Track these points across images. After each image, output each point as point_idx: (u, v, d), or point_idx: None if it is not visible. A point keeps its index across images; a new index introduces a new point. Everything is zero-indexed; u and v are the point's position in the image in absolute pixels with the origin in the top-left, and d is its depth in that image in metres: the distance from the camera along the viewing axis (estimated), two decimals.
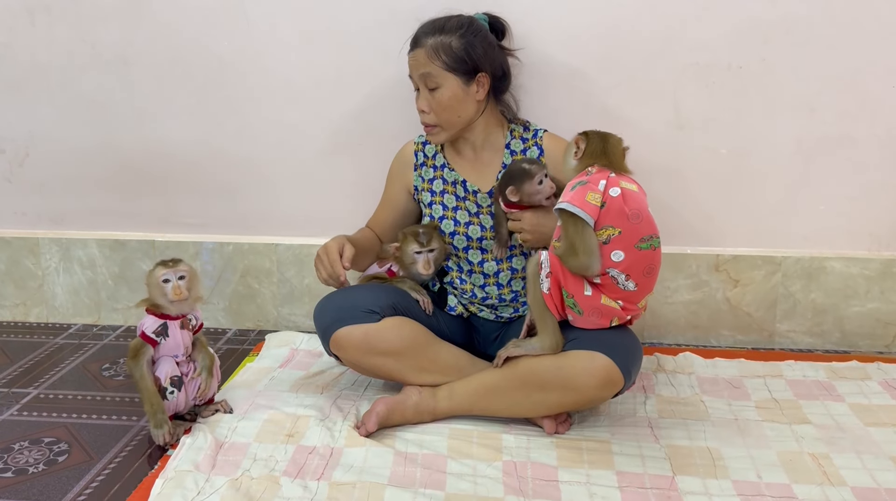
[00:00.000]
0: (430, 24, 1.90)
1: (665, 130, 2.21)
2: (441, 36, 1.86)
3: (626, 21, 2.14)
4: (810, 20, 2.10)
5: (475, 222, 1.96)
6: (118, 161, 2.41)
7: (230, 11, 2.24)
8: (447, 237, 1.98)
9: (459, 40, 1.86)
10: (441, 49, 1.85)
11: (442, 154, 2.03)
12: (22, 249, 2.49)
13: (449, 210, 1.99)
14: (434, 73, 1.86)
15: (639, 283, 1.65)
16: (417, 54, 1.88)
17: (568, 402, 1.73)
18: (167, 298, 1.74)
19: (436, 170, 2.03)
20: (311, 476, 1.60)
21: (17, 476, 1.64)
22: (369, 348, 1.80)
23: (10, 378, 2.12)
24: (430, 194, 2.03)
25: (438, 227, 1.99)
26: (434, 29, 1.88)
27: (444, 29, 1.87)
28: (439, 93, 1.87)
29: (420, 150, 2.06)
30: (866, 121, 2.16)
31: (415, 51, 1.89)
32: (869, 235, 2.26)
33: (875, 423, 1.82)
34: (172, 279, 1.74)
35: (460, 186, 1.98)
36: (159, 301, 1.75)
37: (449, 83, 1.87)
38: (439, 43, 1.85)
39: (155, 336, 1.74)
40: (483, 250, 1.96)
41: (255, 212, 2.42)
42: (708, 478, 1.60)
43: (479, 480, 1.59)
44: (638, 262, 1.64)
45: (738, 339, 2.33)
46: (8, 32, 2.33)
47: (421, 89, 1.91)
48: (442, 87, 1.87)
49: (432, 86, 1.88)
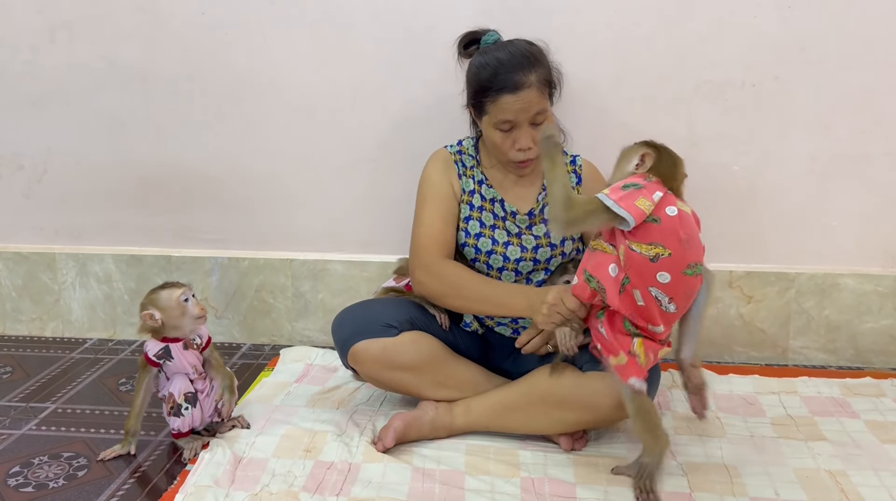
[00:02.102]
0: (521, 58, 1.77)
1: (679, 146, 2.18)
2: (539, 68, 1.77)
3: (641, 39, 2.16)
4: (824, 39, 2.12)
5: (515, 243, 1.88)
6: (135, 177, 2.43)
7: (248, 29, 2.27)
8: (483, 256, 1.90)
9: (548, 66, 1.81)
10: (545, 81, 1.79)
11: (479, 169, 1.94)
12: (39, 264, 2.51)
13: (487, 228, 1.90)
14: (546, 107, 1.79)
15: (679, 306, 1.59)
16: (529, 94, 1.75)
17: (585, 420, 1.74)
18: (190, 316, 1.75)
19: (475, 182, 1.93)
20: (329, 491, 1.61)
21: (38, 491, 1.65)
22: (387, 362, 1.81)
23: (28, 393, 2.13)
24: (468, 208, 1.91)
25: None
26: (528, 62, 1.76)
27: (538, 58, 1.79)
28: (544, 125, 1.78)
29: (458, 160, 1.94)
30: (880, 139, 2.17)
31: (522, 91, 1.74)
32: (882, 252, 2.27)
33: (891, 440, 1.82)
34: (190, 298, 1.76)
35: (498, 205, 1.91)
36: (177, 322, 1.75)
37: (550, 111, 1.83)
38: (542, 76, 1.77)
39: (157, 359, 1.75)
40: (518, 271, 1.90)
41: (271, 227, 2.43)
42: (726, 495, 1.60)
43: (498, 496, 1.60)
44: (682, 286, 1.56)
45: (751, 355, 2.33)
46: (29, 50, 2.36)
47: (523, 127, 1.79)
48: (548, 118, 1.81)
49: (541, 120, 1.79)
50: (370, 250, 2.40)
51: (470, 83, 1.85)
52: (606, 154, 2.13)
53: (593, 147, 2.07)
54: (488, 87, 1.77)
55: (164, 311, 1.75)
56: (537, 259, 1.89)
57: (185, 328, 1.76)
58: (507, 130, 1.79)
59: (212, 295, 2.47)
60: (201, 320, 1.77)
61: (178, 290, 1.75)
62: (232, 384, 1.84)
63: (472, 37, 1.91)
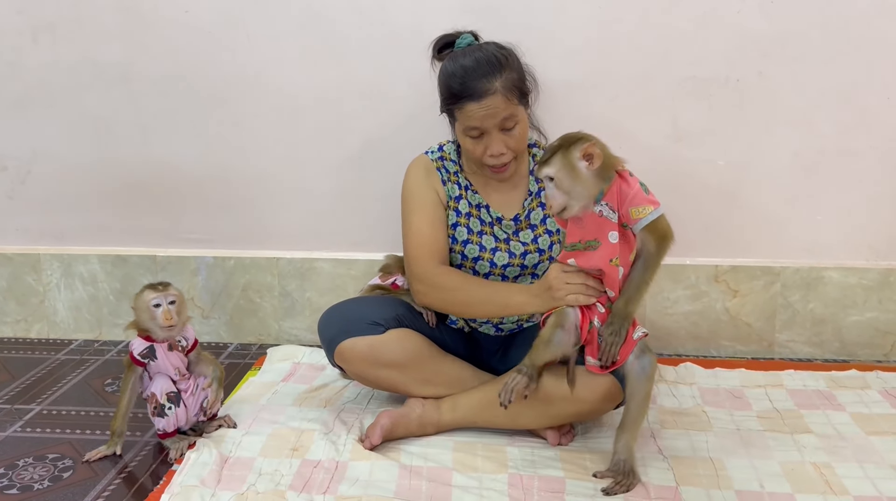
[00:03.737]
0: (485, 65, 1.73)
1: (664, 142, 2.23)
2: (505, 73, 1.72)
3: (624, 35, 2.16)
4: (808, 34, 2.13)
5: (503, 249, 1.87)
6: (120, 177, 2.42)
7: (232, 28, 2.26)
8: (469, 262, 1.89)
9: (518, 70, 1.77)
10: (513, 86, 1.73)
11: (463, 175, 1.92)
12: (23, 265, 2.50)
13: (474, 234, 1.88)
14: (514, 112, 1.74)
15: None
16: (493, 101, 1.71)
17: (570, 414, 1.74)
18: (157, 322, 1.73)
19: (460, 188, 1.91)
20: (317, 490, 1.61)
21: (23, 493, 1.64)
22: (374, 360, 1.81)
23: (13, 395, 2.12)
24: (455, 214, 1.89)
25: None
26: (492, 68, 1.72)
27: (502, 64, 1.73)
28: (517, 129, 1.77)
29: (441, 166, 1.91)
30: (863, 133, 2.19)
31: (485, 99, 1.71)
32: (867, 245, 2.28)
33: (876, 432, 1.83)
34: (163, 304, 1.73)
35: (484, 211, 1.90)
36: (147, 325, 1.74)
37: (521, 116, 1.77)
38: (509, 81, 1.72)
39: (141, 358, 1.75)
40: (504, 277, 1.89)
41: (257, 226, 2.43)
42: (711, 489, 1.61)
43: (485, 493, 1.60)
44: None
45: (738, 349, 2.34)
46: (11, 51, 2.34)
47: (492, 133, 1.75)
48: (518, 122, 1.76)
49: (511, 125, 1.75)
50: (357, 248, 2.40)
51: (440, 90, 1.83)
52: None
53: None
54: (455, 94, 1.75)
55: (135, 311, 1.76)
56: (525, 265, 1.88)
57: (155, 333, 1.75)
58: (477, 136, 1.77)
59: (198, 295, 2.46)
60: (169, 329, 1.73)
61: (152, 294, 1.73)
62: (221, 377, 1.84)
63: (446, 40, 1.86)
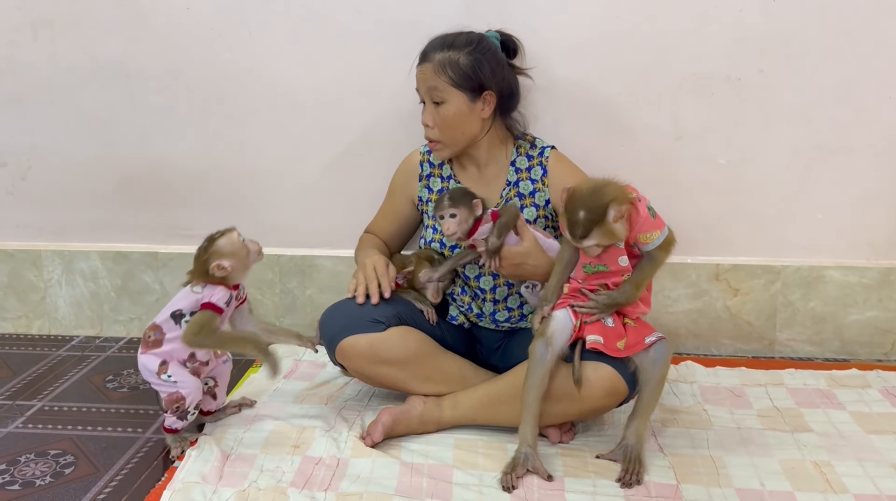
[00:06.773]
0: (440, 40, 1.89)
1: (664, 140, 2.23)
2: (449, 52, 1.86)
3: (625, 33, 2.16)
4: (807, 32, 2.13)
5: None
6: (120, 174, 2.42)
7: (231, 24, 2.26)
8: (447, 251, 1.98)
9: (467, 57, 1.86)
10: (448, 65, 1.85)
11: (449, 165, 2.03)
12: (24, 261, 2.50)
13: None
14: (440, 87, 1.86)
15: None
16: (425, 68, 1.88)
17: (573, 412, 1.74)
18: (251, 257, 1.76)
19: (443, 180, 2.02)
20: (318, 486, 1.61)
21: (25, 489, 1.64)
22: (375, 357, 1.81)
23: (14, 391, 2.12)
24: (428, 217, 2.02)
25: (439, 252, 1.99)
26: (443, 44, 1.87)
27: (454, 45, 1.87)
28: (444, 108, 1.87)
29: (426, 160, 2.05)
30: (863, 131, 2.19)
31: (423, 65, 1.89)
32: (867, 244, 2.28)
33: (876, 431, 1.84)
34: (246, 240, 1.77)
35: None
36: (242, 264, 1.75)
37: (454, 99, 1.87)
38: (447, 58, 1.85)
39: (225, 306, 1.74)
40: (480, 265, 1.92)
41: (258, 223, 2.41)
42: (712, 487, 1.61)
43: (486, 490, 1.60)
44: None
45: (738, 348, 2.35)
46: (10, 47, 2.34)
47: (427, 103, 1.90)
48: (447, 102, 1.87)
49: (437, 100, 1.87)
50: None
51: None
52: (590, 148, 2.15)
53: (576, 141, 2.09)
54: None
55: (231, 256, 1.73)
56: None
57: (240, 275, 1.76)
58: (421, 102, 1.93)
59: None
60: (261, 254, 1.78)
61: (233, 233, 1.76)
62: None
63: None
